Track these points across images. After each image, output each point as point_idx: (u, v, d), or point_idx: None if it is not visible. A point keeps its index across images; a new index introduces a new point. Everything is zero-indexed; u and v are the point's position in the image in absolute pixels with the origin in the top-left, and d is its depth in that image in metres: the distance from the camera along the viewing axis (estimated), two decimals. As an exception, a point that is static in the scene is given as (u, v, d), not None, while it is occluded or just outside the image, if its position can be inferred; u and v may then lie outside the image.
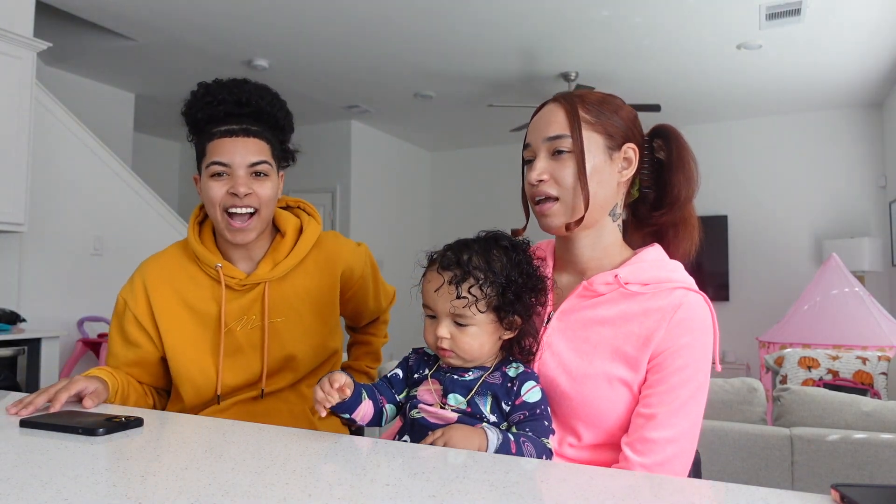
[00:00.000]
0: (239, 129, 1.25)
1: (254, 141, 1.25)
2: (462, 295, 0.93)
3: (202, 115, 1.26)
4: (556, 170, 0.99)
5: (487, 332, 0.95)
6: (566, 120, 1.00)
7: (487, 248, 0.97)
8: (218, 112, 1.25)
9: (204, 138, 1.26)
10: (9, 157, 3.40)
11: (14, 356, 3.30)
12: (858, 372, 3.07)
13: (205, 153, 1.26)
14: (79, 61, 4.90)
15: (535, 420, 0.93)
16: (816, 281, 4.65)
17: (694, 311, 0.95)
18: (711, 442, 2.20)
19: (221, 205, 1.24)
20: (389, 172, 7.17)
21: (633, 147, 1.02)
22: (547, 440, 0.93)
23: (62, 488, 0.64)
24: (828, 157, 6.02)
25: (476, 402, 0.95)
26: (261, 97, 1.28)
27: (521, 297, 0.96)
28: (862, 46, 4.48)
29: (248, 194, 1.23)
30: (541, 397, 0.95)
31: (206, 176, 1.25)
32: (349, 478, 0.70)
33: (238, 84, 1.28)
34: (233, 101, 1.25)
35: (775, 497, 0.63)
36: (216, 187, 1.23)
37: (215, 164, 1.23)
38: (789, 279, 6.00)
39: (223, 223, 1.25)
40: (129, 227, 4.38)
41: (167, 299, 1.30)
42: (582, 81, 5.12)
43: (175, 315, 1.29)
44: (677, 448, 0.92)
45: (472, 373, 0.97)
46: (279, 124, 1.32)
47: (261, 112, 1.28)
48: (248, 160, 1.24)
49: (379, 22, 4.16)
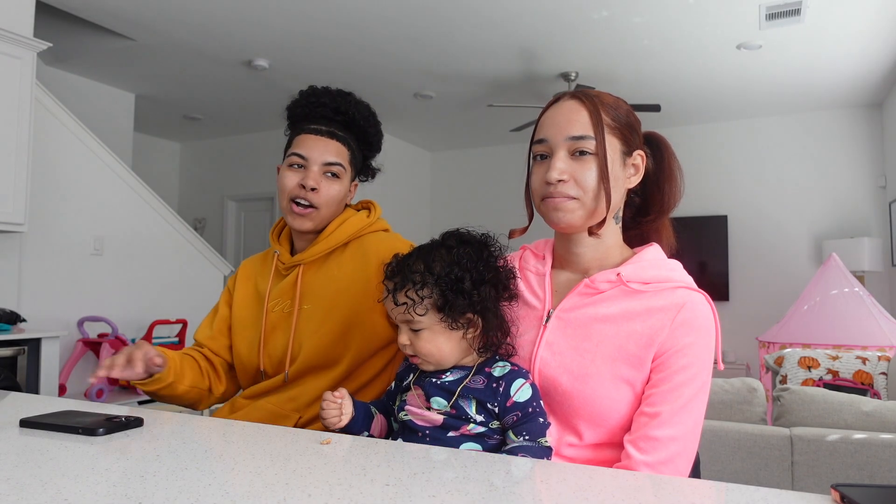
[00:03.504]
0: (326, 130, 1.34)
1: (335, 143, 1.34)
2: (400, 302, 0.94)
3: (301, 112, 1.36)
4: (578, 171, 0.97)
5: (442, 334, 0.95)
6: (590, 121, 0.98)
7: (431, 250, 0.98)
8: (315, 112, 1.35)
9: (294, 132, 1.36)
10: (9, 157, 3.40)
11: (14, 356, 3.30)
12: (858, 372, 3.07)
13: (290, 144, 1.36)
14: (79, 61, 4.90)
15: (529, 421, 0.93)
16: (816, 281, 4.65)
17: (697, 311, 0.95)
18: (711, 442, 2.20)
19: (290, 193, 1.32)
20: (389, 172, 7.17)
21: (642, 154, 1.03)
22: (544, 438, 0.93)
23: (62, 488, 0.64)
24: (828, 157, 6.02)
25: (460, 405, 0.95)
26: (357, 111, 1.37)
27: (465, 292, 0.94)
28: (862, 46, 4.48)
29: (314, 189, 1.30)
30: (531, 394, 0.94)
31: (284, 165, 1.35)
32: (349, 478, 0.70)
33: (342, 94, 1.37)
34: (332, 107, 1.34)
35: (775, 497, 0.63)
36: (290, 176, 1.33)
37: (295, 155, 1.33)
38: (789, 279, 6.00)
39: (287, 209, 1.33)
40: (129, 227, 4.38)
41: (245, 280, 1.46)
42: (582, 81, 5.12)
43: (246, 296, 1.43)
44: (680, 446, 0.92)
45: (451, 374, 0.97)
46: (367, 139, 1.41)
47: (353, 122, 1.37)
48: (324, 158, 1.32)
49: (379, 22, 4.16)
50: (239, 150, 7.12)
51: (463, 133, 7.01)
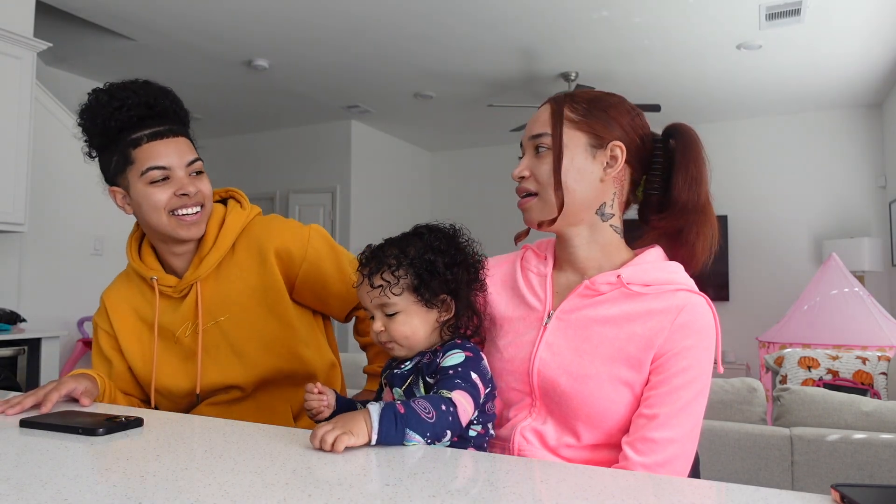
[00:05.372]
0: (166, 130, 1.21)
1: (182, 140, 1.23)
2: (376, 284, 0.97)
3: (115, 123, 1.19)
4: (536, 166, 1.02)
5: (417, 315, 0.98)
6: (549, 118, 1.02)
7: (403, 238, 1.01)
8: (130, 117, 1.19)
9: (126, 146, 1.20)
10: (9, 157, 3.40)
11: (14, 356, 3.30)
12: (858, 372, 3.07)
13: (131, 161, 1.20)
14: (79, 61, 4.90)
15: (444, 379, 0.92)
16: (816, 281, 4.65)
17: (697, 314, 0.95)
18: (711, 442, 2.20)
19: (168, 208, 1.20)
20: (389, 172, 7.17)
21: (620, 145, 1.00)
22: (448, 392, 0.89)
23: (62, 488, 0.64)
24: (828, 157, 6.02)
25: (412, 391, 0.97)
26: (164, 95, 1.24)
27: (439, 273, 0.97)
28: (862, 46, 4.48)
29: (196, 192, 1.22)
30: (461, 361, 0.94)
31: (141, 184, 1.20)
32: (349, 478, 0.70)
33: (141, 86, 1.23)
34: (142, 104, 1.20)
35: (775, 497, 0.63)
36: (159, 192, 1.20)
37: (154, 169, 1.18)
38: (789, 279, 6.00)
39: (171, 224, 1.21)
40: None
41: (125, 317, 1.32)
42: (582, 81, 5.12)
43: (132, 330, 1.31)
44: (678, 449, 0.92)
45: (411, 362, 0.99)
46: (184, 120, 1.29)
47: (167, 110, 1.24)
48: (185, 160, 1.22)
49: (379, 22, 4.16)
50: (239, 150, 7.13)
51: (463, 133, 7.01)
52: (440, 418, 0.85)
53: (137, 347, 1.31)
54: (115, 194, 1.25)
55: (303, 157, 6.74)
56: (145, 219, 1.23)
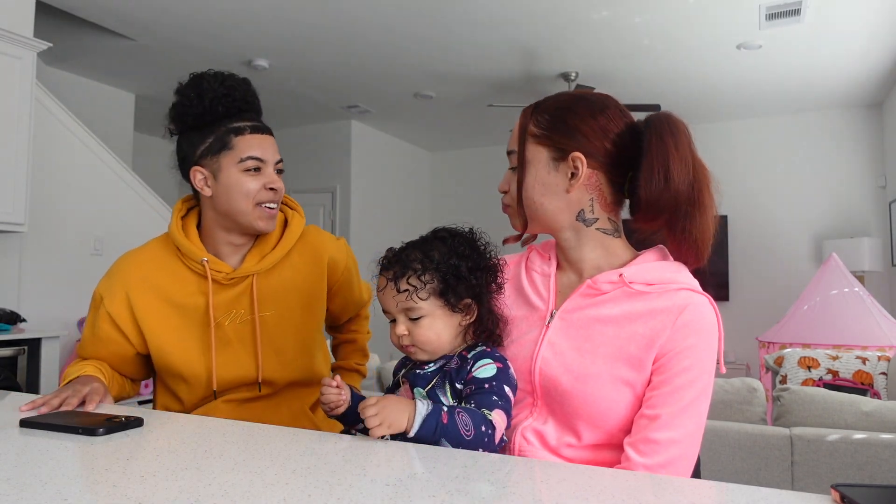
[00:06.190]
0: (265, 127, 1.30)
1: (274, 140, 1.32)
2: (402, 289, 0.97)
3: (222, 107, 1.27)
4: (511, 181, 1.06)
5: (441, 320, 0.98)
6: (517, 135, 1.04)
7: (425, 241, 1.02)
8: (236, 106, 1.28)
9: (227, 132, 1.26)
10: (9, 157, 3.40)
11: (14, 356, 3.30)
12: (858, 372, 3.07)
13: (230, 147, 1.26)
14: (79, 61, 4.90)
15: (480, 393, 0.93)
16: (816, 281, 4.65)
17: (700, 313, 0.94)
18: (711, 442, 2.20)
19: (256, 199, 1.27)
20: (389, 172, 7.17)
21: (579, 156, 0.98)
22: (489, 411, 0.91)
23: (62, 488, 0.64)
24: (828, 157, 6.02)
25: (436, 393, 0.97)
26: (256, 96, 1.34)
27: (464, 277, 0.98)
28: (862, 46, 4.48)
29: (281, 189, 1.30)
30: (494, 373, 0.95)
31: (237, 170, 1.26)
32: (349, 478, 0.70)
33: (242, 81, 1.32)
34: (244, 99, 1.30)
35: (775, 497, 0.63)
36: (252, 181, 1.26)
37: (252, 159, 1.26)
38: (789, 279, 6.00)
39: (254, 214, 1.27)
40: (129, 227, 4.38)
41: (149, 299, 1.29)
42: (582, 81, 5.12)
43: (159, 314, 1.29)
44: (681, 449, 0.91)
45: (434, 364, 1.00)
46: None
47: (259, 111, 1.35)
48: (276, 157, 1.30)
49: (379, 22, 4.16)
50: (239, 150, 7.12)
51: (463, 133, 7.01)
52: (476, 437, 0.87)
53: (164, 333, 1.28)
54: (196, 173, 1.28)
55: (303, 157, 6.73)
56: (229, 203, 1.27)
